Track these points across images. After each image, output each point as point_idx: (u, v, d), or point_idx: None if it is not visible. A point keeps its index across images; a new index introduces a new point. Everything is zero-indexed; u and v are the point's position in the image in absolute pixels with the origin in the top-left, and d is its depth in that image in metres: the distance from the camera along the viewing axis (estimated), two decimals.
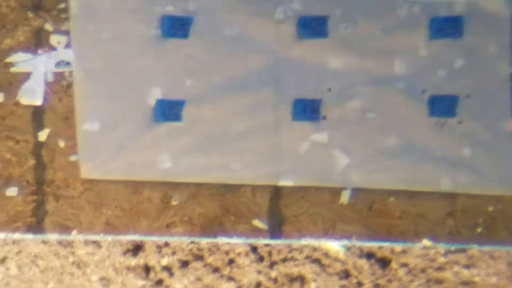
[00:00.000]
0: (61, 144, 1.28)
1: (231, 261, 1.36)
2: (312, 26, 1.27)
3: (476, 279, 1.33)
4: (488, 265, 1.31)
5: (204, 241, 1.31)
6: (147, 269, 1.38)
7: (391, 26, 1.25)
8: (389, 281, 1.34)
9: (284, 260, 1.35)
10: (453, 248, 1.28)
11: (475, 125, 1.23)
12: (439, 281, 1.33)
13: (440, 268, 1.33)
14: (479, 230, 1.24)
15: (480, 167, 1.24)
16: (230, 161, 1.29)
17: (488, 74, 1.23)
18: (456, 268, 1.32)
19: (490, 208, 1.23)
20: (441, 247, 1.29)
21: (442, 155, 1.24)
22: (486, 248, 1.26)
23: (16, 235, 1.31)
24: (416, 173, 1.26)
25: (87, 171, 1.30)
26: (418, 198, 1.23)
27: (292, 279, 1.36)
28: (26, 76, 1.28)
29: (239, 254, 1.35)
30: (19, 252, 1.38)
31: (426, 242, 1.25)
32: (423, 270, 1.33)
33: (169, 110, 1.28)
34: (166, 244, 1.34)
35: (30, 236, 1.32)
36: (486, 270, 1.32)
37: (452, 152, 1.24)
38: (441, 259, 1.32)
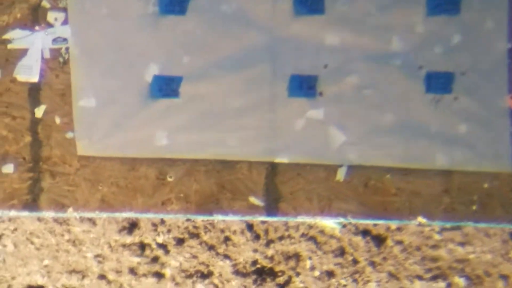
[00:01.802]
0: (58, 120, 1.29)
1: (226, 239, 1.38)
2: (309, 3, 1.27)
3: (471, 256, 1.34)
4: (483, 243, 1.32)
5: (200, 219, 1.32)
6: (142, 246, 1.40)
7: (388, 3, 1.25)
8: (385, 259, 1.36)
9: (281, 238, 1.37)
10: (448, 225, 1.29)
11: (471, 101, 1.23)
12: (434, 259, 1.35)
13: (435, 246, 1.34)
14: (474, 207, 1.24)
15: (475, 144, 1.24)
16: (227, 138, 1.29)
17: (485, 50, 1.23)
18: (451, 246, 1.34)
19: (486, 185, 1.23)
20: (436, 225, 1.30)
21: (438, 131, 1.25)
22: (481, 225, 1.27)
23: (12, 213, 1.33)
24: (412, 150, 1.26)
25: (83, 148, 1.30)
26: (414, 176, 1.24)
27: (288, 257, 1.37)
28: (23, 52, 1.28)
29: (234, 232, 1.36)
30: (15, 229, 1.40)
31: (421, 219, 1.25)
32: (418, 248, 1.34)
33: (166, 86, 1.28)
34: (162, 222, 1.35)
35: (26, 213, 1.33)
36: (481, 248, 1.33)
37: (447, 128, 1.25)
38: (436, 237, 1.34)
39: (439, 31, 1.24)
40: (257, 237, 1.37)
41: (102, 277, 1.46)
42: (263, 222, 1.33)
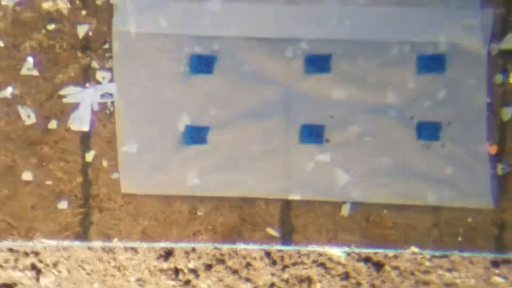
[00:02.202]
0: (105, 164, 1.46)
1: (248, 265, 1.53)
2: (318, 63, 1.43)
3: (457, 281, 1.48)
4: (468, 269, 1.47)
5: (225, 247, 1.48)
6: (176, 271, 1.55)
7: (384, 63, 1.41)
8: (383, 281, 1.49)
9: (294, 264, 1.51)
10: (437, 254, 1.44)
11: (456, 147, 1.39)
12: (426, 283, 1.49)
13: (426, 271, 1.48)
14: (460, 238, 1.40)
15: (460, 184, 1.39)
16: (248, 178, 1.45)
17: (467, 104, 1.39)
18: (440, 271, 1.48)
19: (470, 220, 1.39)
20: (427, 253, 1.45)
21: (428, 173, 1.40)
22: (466, 254, 1.42)
23: (66, 243, 1.49)
24: (406, 189, 1.42)
25: (126, 187, 1.47)
26: (408, 211, 1.39)
27: (301, 280, 1.52)
28: (76, 106, 1.45)
29: (255, 258, 1.51)
30: (68, 257, 1.56)
31: (414, 249, 1.41)
32: (412, 273, 1.49)
33: (196, 135, 1.45)
34: (193, 250, 1.51)
35: (77, 243, 1.49)
36: (466, 273, 1.47)
37: (436, 170, 1.40)
38: (427, 263, 1.48)
39: (427, 87, 1.40)
40: (274, 262, 1.52)
41: None
42: (279, 250, 1.48)
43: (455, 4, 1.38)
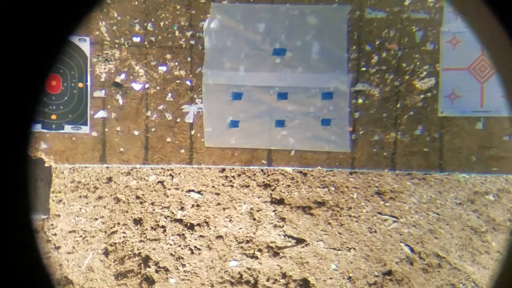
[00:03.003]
0: (199, 135, 3.38)
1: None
2: (282, 95, 3.11)
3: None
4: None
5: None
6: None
7: (308, 95, 3.24)
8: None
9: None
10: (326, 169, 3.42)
11: (336, 129, 3.30)
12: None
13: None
14: (336, 163, 3.35)
15: (338, 142, 3.32)
16: (255, 142, 3.39)
17: (341, 110, 3.29)
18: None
19: (341, 156, 3.31)
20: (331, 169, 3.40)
21: (325, 139, 3.33)
22: (332, 169, 3.38)
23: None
24: (315, 144, 3.32)
25: (207, 144, 3.41)
26: (317, 153, 3.32)
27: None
28: (187, 112, 3.38)
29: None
30: None
31: (320, 168, 3.36)
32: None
33: (234, 123, 3.39)
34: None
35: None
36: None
37: (328, 138, 3.32)
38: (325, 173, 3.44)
39: (326, 104, 3.24)
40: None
41: None
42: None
43: (338, 71, 3.24)
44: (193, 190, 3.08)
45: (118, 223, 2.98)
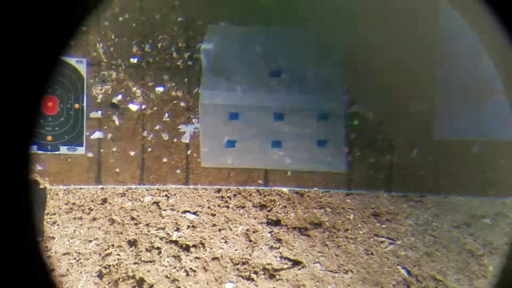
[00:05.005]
0: (195, 155, 3.41)
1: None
2: (278, 116, 3.21)
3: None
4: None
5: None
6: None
7: (304, 116, 3.33)
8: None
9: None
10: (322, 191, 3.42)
11: (332, 147, 3.36)
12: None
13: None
14: (333, 184, 3.36)
15: (335, 164, 3.36)
16: (251, 161, 3.41)
17: (338, 128, 3.35)
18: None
19: (337, 177, 3.35)
20: (322, 190, 3.41)
21: (321, 159, 3.36)
22: (327, 190, 3.40)
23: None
24: (313, 164, 3.38)
25: (203, 164, 3.44)
26: (314, 173, 3.37)
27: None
28: (184, 133, 3.41)
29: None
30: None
31: (316, 189, 3.39)
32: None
33: (230, 143, 3.41)
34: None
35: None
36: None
37: (325, 158, 3.37)
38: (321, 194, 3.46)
39: (323, 126, 3.33)
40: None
41: None
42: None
43: (335, 93, 3.31)
44: (188, 211, 3.08)
45: (113, 245, 2.98)
